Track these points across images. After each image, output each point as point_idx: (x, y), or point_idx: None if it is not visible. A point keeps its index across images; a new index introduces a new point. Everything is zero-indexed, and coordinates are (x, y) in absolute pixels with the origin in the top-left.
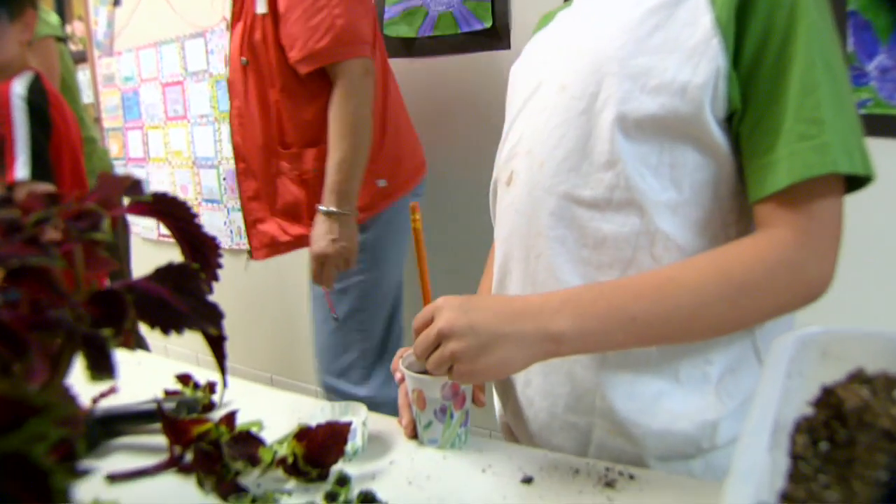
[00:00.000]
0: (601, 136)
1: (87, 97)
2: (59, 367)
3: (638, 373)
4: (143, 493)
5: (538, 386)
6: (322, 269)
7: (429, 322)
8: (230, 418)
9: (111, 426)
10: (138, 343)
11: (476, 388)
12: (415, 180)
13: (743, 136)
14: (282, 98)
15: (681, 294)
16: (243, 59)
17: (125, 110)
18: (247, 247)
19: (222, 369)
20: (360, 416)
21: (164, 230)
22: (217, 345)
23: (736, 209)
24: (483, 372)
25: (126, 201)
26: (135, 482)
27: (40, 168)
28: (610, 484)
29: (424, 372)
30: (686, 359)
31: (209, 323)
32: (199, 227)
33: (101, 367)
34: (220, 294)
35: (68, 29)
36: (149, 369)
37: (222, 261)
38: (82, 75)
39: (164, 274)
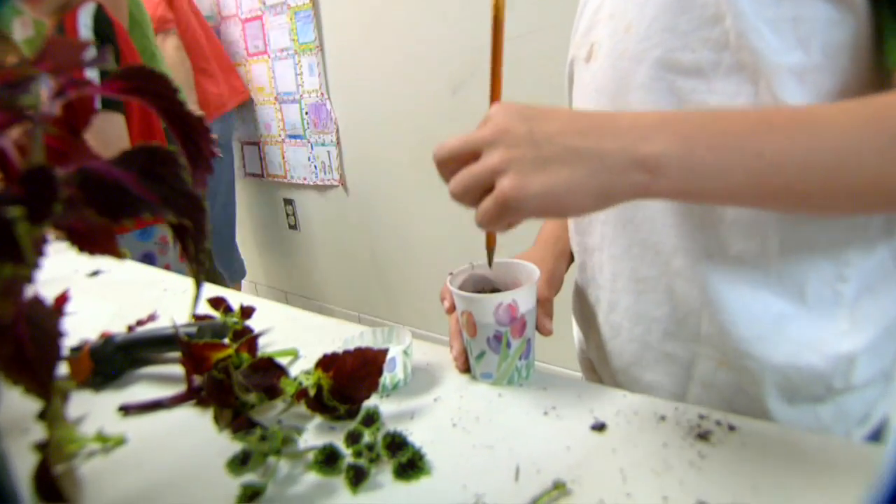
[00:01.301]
0: None
1: None
2: None
3: (755, 288)
4: (156, 427)
5: (627, 308)
6: None
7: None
8: (251, 343)
9: (132, 353)
10: (210, 277)
11: (541, 313)
12: None
13: None
14: None
15: (825, 134)
16: None
17: None
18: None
19: (196, 276)
20: (403, 342)
21: (251, 168)
22: (184, 239)
23: (880, 83)
24: (534, 195)
25: None
26: (150, 415)
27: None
28: (703, 436)
29: (483, 291)
30: (813, 272)
31: (184, 215)
32: (182, 104)
33: (4, 254)
34: (306, 231)
35: None
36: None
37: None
38: None
39: (132, 156)
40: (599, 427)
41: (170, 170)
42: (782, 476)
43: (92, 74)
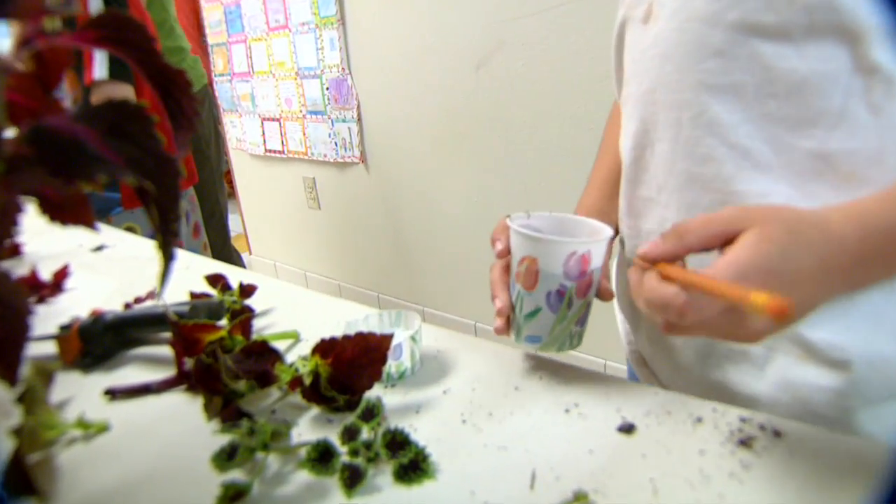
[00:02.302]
0: None
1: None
2: None
3: None
4: (142, 413)
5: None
6: None
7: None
8: (245, 324)
9: (124, 332)
10: (221, 255)
11: (603, 276)
12: None
13: None
14: None
15: None
16: None
17: (228, 24)
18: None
19: (165, 247)
20: (412, 327)
21: (272, 145)
22: (148, 204)
23: None
24: None
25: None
26: (137, 400)
27: (119, 66)
28: (745, 442)
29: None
30: None
31: (153, 177)
32: (159, 56)
33: None
34: (326, 209)
35: None
36: (198, 274)
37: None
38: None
39: (98, 112)
40: (627, 429)
41: (140, 127)
42: (836, 489)
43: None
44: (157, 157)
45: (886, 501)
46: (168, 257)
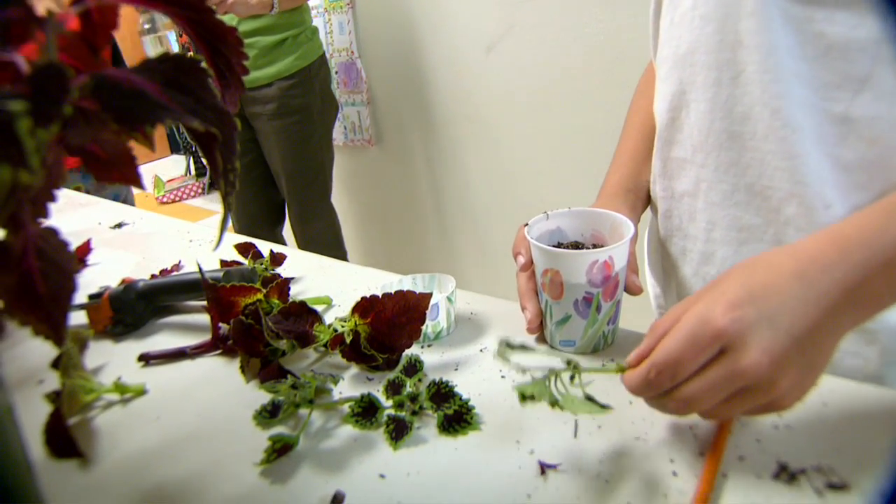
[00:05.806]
0: None
1: None
2: None
3: None
4: (178, 377)
5: (725, 260)
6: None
7: (700, 345)
8: (282, 287)
9: (155, 300)
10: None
11: (630, 270)
12: None
13: None
14: None
15: None
16: None
17: None
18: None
19: (226, 194)
20: (447, 289)
21: None
22: (213, 152)
23: None
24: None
25: None
26: (171, 365)
27: None
28: None
29: (561, 245)
30: None
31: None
32: (209, 13)
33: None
34: (336, 193)
35: None
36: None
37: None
38: None
39: (154, 65)
40: None
41: (196, 80)
42: (868, 437)
43: None
44: (215, 110)
45: None
46: (228, 206)
